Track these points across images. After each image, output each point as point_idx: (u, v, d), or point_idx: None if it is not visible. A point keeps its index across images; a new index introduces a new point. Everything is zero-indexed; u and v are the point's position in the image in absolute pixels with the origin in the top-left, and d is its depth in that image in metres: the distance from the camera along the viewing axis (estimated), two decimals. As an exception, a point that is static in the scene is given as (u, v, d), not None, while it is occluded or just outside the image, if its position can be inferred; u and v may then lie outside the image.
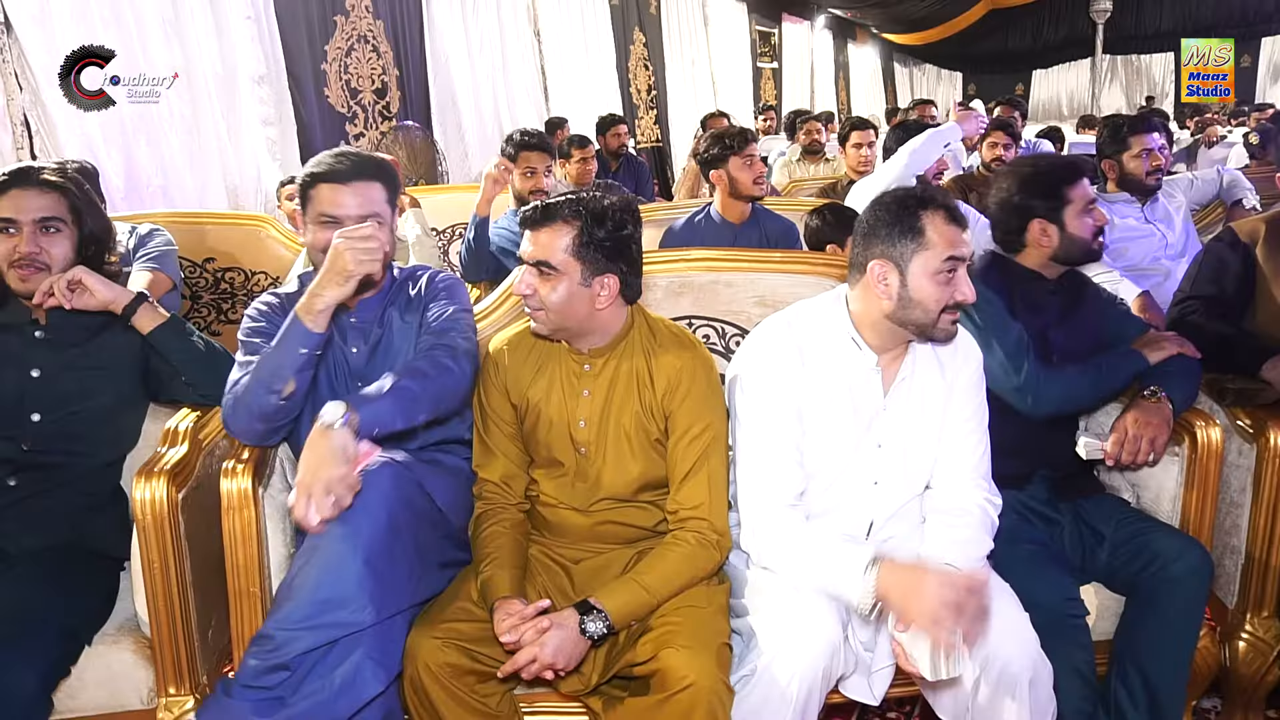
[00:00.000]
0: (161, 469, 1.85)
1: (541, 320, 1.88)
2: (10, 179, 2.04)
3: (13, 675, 1.65)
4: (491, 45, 7.91)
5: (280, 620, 1.62)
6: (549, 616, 1.70)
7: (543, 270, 1.83)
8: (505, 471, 1.99)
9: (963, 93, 21.54)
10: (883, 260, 1.81)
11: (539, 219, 1.84)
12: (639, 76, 10.33)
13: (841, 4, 15.55)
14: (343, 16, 6.50)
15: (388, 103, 6.83)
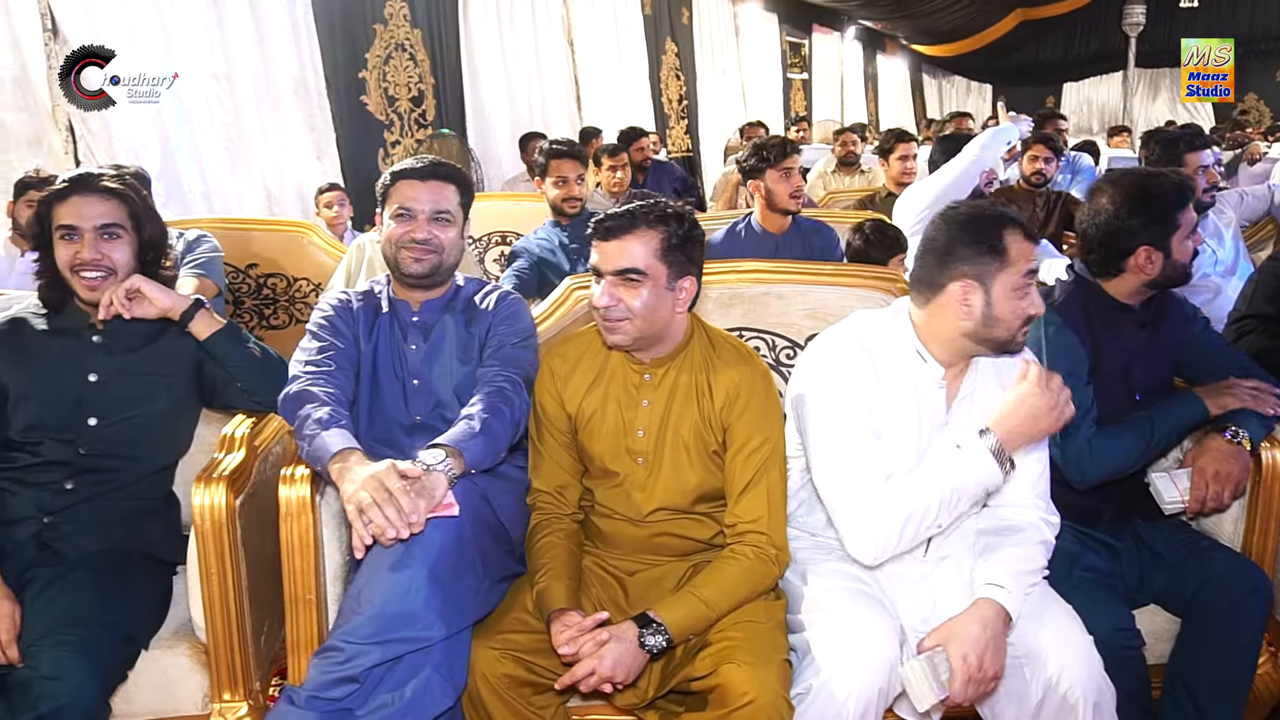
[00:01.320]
0: (220, 475, 1.86)
1: (624, 331, 1.86)
2: (71, 186, 2.06)
3: (74, 679, 1.65)
4: (526, 54, 7.94)
5: (348, 633, 1.62)
6: (608, 629, 1.69)
7: (629, 278, 1.83)
8: (559, 481, 1.99)
9: (992, 105, 21.36)
10: (965, 280, 1.78)
11: (621, 227, 1.84)
12: (670, 86, 10.34)
13: (872, 15, 15.52)
14: (381, 25, 6.54)
15: (424, 111, 6.87)
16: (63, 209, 2.04)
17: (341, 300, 2.19)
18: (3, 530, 1.95)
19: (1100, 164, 6.29)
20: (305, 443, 1.83)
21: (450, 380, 2.10)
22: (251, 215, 5.43)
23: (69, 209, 2.04)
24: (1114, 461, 2.05)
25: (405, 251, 2.10)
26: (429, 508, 1.68)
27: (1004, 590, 1.70)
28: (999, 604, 1.69)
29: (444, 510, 1.70)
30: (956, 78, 22.24)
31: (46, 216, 2.06)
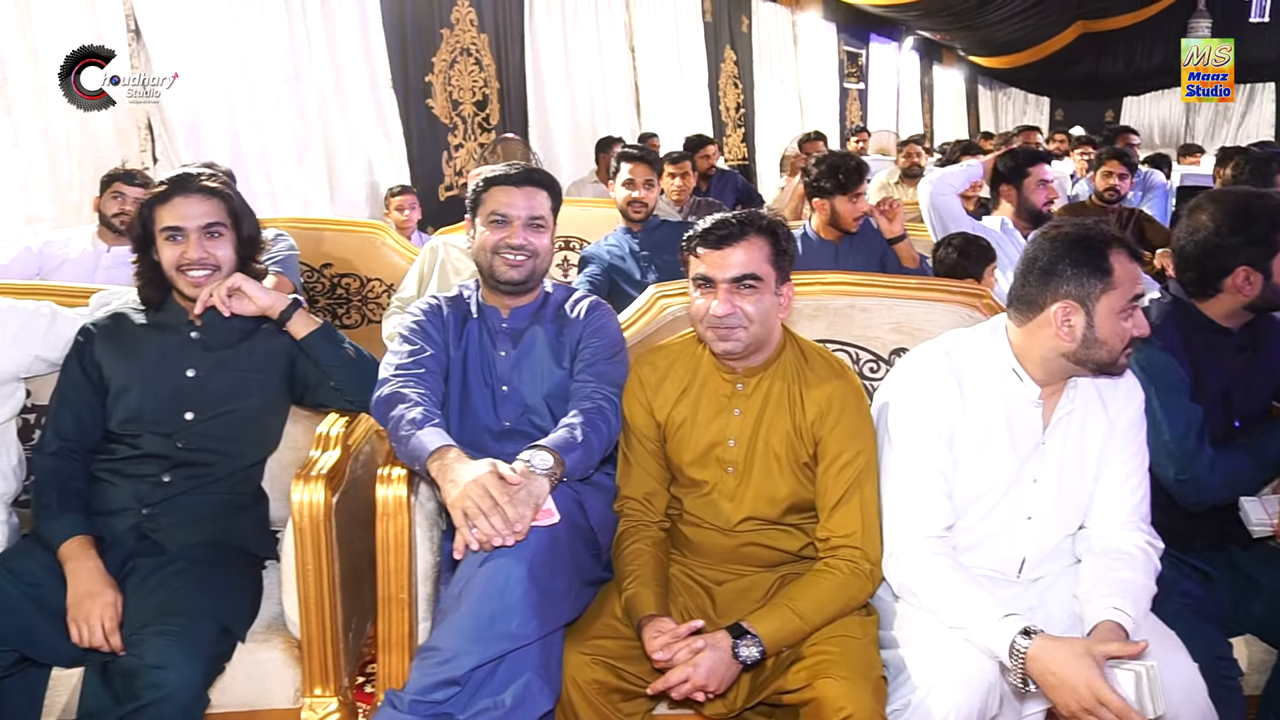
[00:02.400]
0: (319, 473, 1.88)
1: (739, 338, 1.86)
2: (172, 187, 2.10)
3: (178, 669, 1.68)
4: (589, 60, 7.98)
5: (446, 633, 1.64)
6: (702, 637, 1.69)
7: (746, 284, 1.84)
8: (647, 489, 1.99)
9: (1050, 118, 21.13)
10: (1068, 302, 1.76)
11: (734, 234, 1.85)
12: (728, 94, 10.34)
13: (931, 26, 15.39)
14: (448, 29, 6.61)
15: (487, 115, 6.93)
16: (165, 210, 2.08)
17: (432, 305, 2.21)
18: (104, 521, 1.99)
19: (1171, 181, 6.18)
20: (401, 443, 1.85)
21: (540, 387, 2.12)
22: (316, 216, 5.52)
23: (172, 210, 2.07)
24: (1237, 481, 2.01)
25: (500, 258, 2.12)
26: (532, 516, 1.69)
27: (1127, 616, 1.67)
28: (1124, 629, 1.66)
29: (544, 519, 1.71)
30: (1013, 90, 21.97)
31: (149, 218, 2.09)
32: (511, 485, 1.71)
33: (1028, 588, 1.89)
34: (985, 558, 1.87)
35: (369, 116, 6.08)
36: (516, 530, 1.66)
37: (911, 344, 2.36)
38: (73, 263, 3.72)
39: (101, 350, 2.10)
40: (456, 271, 3.73)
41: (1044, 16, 15.08)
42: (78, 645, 1.80)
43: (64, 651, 1.81)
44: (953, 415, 1.85)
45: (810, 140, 7.23)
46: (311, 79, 5.76)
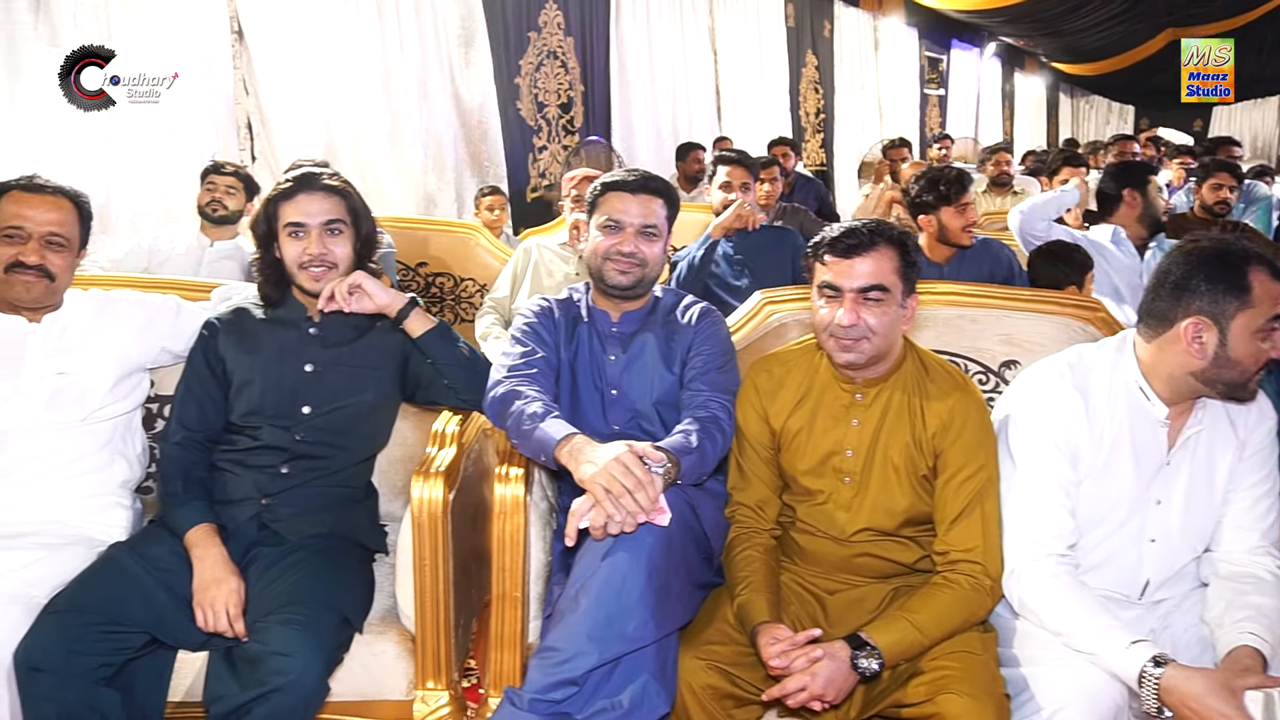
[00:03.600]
0: (437, 470, 1.91)
1: (864, 350, 1.85)
2: (296, 185, 2.14)
3: (302, 657, 1.72)
4: (672, 64, 8.00)
5: (565, 633, 1.65)
6: (820, 646, 1.68)
7: (872, 295, 1.82)
8: (760, 496, 1.99)
9: (1134, 127, 20.57)
10: (1199, 318, 1.71)
11: (864, 244, 1.84)
12: (808, 99, 10.28)
13: (1015, 32, 15.11)
14: (535, 33, 6.68)
15: (571, 117, 6.98)
16: (289, 207, 2.12)
17: (543, 307, 2.23)
18: (226, 510, 2.05)
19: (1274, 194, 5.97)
20: (524, 438, 1.87)
21: (649, 392, 2.12)
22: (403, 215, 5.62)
23: (295, 207, 2.12)
24: None
25: (611, 264, 2.14)
26: (653, 506, 1.69)
27: (1264, 642, 1.62)
28: (1261, 654, 1.61)
29: (658, 517, 1.71)
30: (1096, 97, 21.44)
31: (273, 214, 2.14)
32: (653, 460, 1.72)
33: (1150, 610, 1.85)
34: (1107, 579, 1.83)
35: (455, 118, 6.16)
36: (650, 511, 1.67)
37: (1022, 356, 2.32)
38: (178, 257, 3.84)
39: (224, 344, 2.16)
40: (549, 273, 3.77)
41: (1133, 23, 14.68)
42: (202, 630, 1.85)
43: (190, 635, 1.86)
44: (1076, 432, 1.81)
45: (894, 146, 7.15)
46: (401, 80, 5.87)
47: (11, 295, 2.12)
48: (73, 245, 2.17)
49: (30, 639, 1.74)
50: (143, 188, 4.50)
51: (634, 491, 1.67)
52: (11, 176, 2.18)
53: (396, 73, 5.82)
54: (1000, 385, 2.31)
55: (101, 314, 2.25)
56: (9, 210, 2.10)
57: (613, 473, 1.68)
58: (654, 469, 1.74)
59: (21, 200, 2.11)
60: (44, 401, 2.11)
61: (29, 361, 2.13)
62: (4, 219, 2.10)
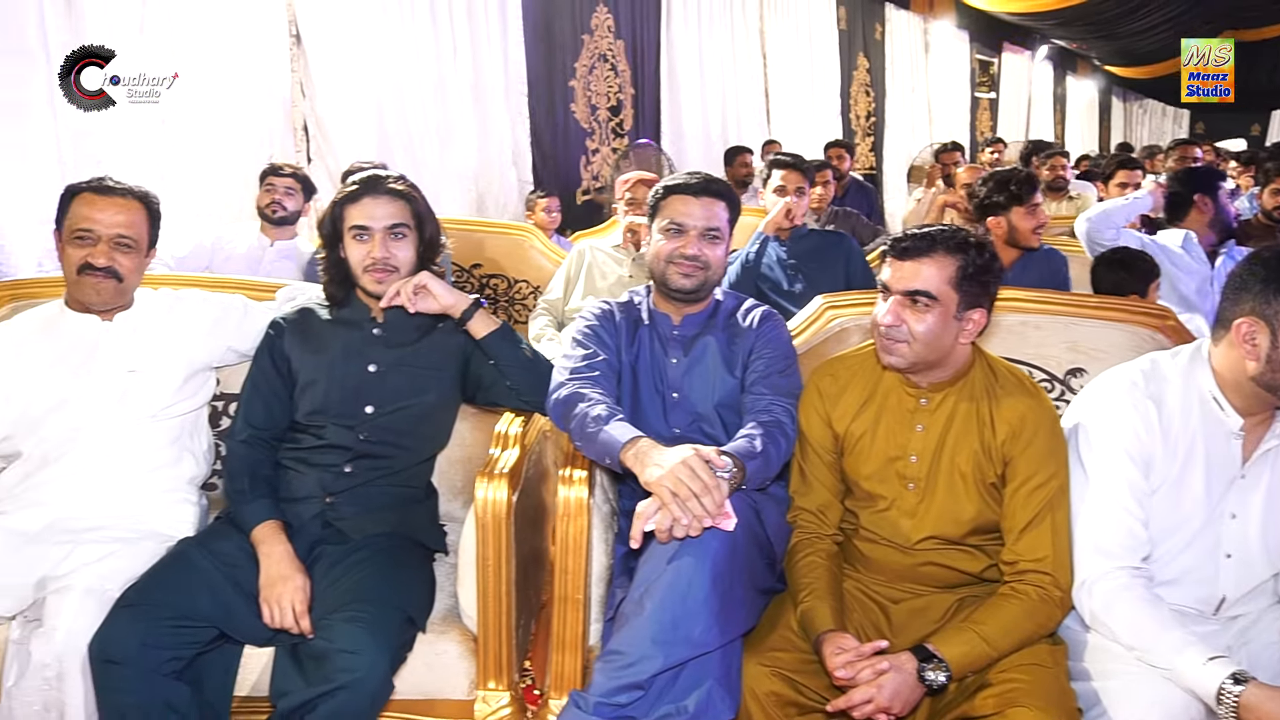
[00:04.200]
0: (501, 472, 1.92)
1: (901, 353, 1.84)
2: (362, 188, 2.16)
3: (369, 655, 1.73)
4: (722, 67, 7.99)
5: (630, 637, 1.64)
6: (887, 658, 1.66)
7: (917, 300, 1.80)
8: (822, 501, 1.97)
9: (1189, 131, 20.18)
10: (1252, 318, 1.67)
11: (919, 248, 1.82)
12: (859, 102, 10.22)
13: (1068, 35, 14.90)
14: (588, 35, 6.70)
15: (621, 120, 7.00)
16: (355, 210, 2.14)
17: (604, 310, 2.24)
18: (290, 507, 2.07)
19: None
20: (588, 440, 1.87)
21: (711, 395, 2.12)
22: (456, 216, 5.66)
23: (361, 210, 2.13)
24: None
25: (673, 267, 2.14)
26: (719, 510, 1.69)
27: None
28: None
29: (723, 521, 1.70)
30: (1150, 101, 21.09)
31: (339, 217, 2.16)
32: (718, 464, 1.72)
33: (1226, 626, 1.80)
34: (1181, 594, 1.78)
35: (509, 120, 6.20)
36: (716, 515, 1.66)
37: (1088, 364, 2.28)
38: (239, 257, 3.89)
39: (290, 343, 2.19)
40: (603, 275, 3.78)
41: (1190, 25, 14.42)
42: (268, 626, 1.87)
43: (256, 631, 1.88)
44: (1150, 441, 1.77)
45: (947, 151, 7.07)
46: (454, 84, 5.92)
47: (82, 296, 2.16)
48: (141, 246, 2.21)
49: (105, 632, 1.77)
50: (203, 188, 4.58)
51: (700, 495, 1.66)
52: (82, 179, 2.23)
53: (449, 75, 5.87)
54: (1065, 393, 2.27)
55: (171, 313, 2.29)
56: (79, 212, 2.14)
57: (679, 476, 1.67)
58: (720, 473, 1.73)
59: (91, 203, 2.15)
60: (115, 399, 2.15)
61: (101, 360, 2.17)
62: (74, 221, 2.14)
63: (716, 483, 1.69)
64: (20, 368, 2.13)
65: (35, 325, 2.21)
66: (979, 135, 12.84)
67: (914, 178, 9.50)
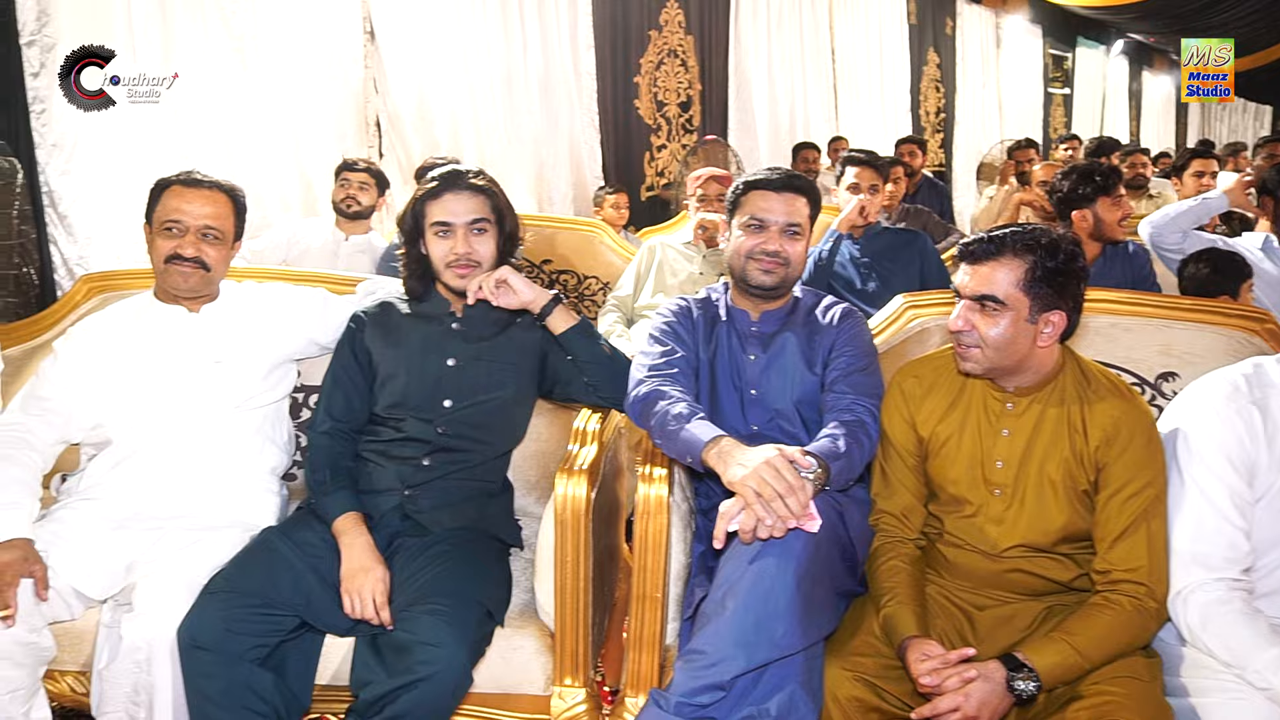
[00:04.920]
0: (580, 468, 1.91)
1: (974, 359, 1.81)
2: (443, 183, 2.16)
3: (449, 648, 1.74)
4: (791, 62, 7.93)
5: (712, 636, 1.63)
6: (974, 666, 1.62)
7: (985, 305, 1.76)
8: (905, 504, 1.93)
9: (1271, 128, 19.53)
10: None
11: (985, 251, 1.78)
12: (929, 99, 10.06)
13: (1146, 29, 14.49)
14: (656, 31, 6.69)
15: (690, 116, 6.97)
16: (437, 206, 2.14)
17: (681, 306, 2.22)
18: (370, 499, 2.09)
19: None
20: (669, 438, 1.86)
21: (790, 392, 2.09)
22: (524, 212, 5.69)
23: (443, 206, 2.14)
24: None
25: (754, 263, 2.12)
26: (804, 511, 1.66)
27: None
28: None
29: (808, 523, 1.68)
30: (1230, 97, 20.41)
31: (421, 213, 2.16)
32: (803, 465, 1.70)
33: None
34: (1283, 605, 1.72)
35: (578, 117, 6.22)
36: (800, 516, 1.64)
37: (1181, 369, 2.21)
38: (315, 250, 3.96)
39: (371, 337, 2.20)
40: (673, 272, 3.76)
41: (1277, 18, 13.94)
42: (349, 616, 1.89)
43: (337, 621, 1.90)
44: (1254, 449, 1.71)
45: (1021, 148, 6.92)
46: (522, 79, 5.94)
47: (170, 286, 2.21)
48: (227, 238, 2.25)
49: (192, 618, 1.81)
50: (280, 183, 4.66)
51: (785, 496, 1.64)
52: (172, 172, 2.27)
53: (518, 71, 5.90)
54: (1157, 398, 2.20)
55: (255, 305, 2.33)
56: (169, 204, 2.19)
57: (764, 476, 1.65)
58: (804, 474, 1.71)
59: (180, 195, 2.20)
60: (202, 389, 2.19)
61: (188, 351, 2.21)
62: (164, 213, 2.19)
63: (801, 484, 1.66)
64: (111, 358, 2.19)
65: (125, 316, 2.26)
66: (1051, 132, 12.56)
67: (984, 175, 9.32)
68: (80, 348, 2.21)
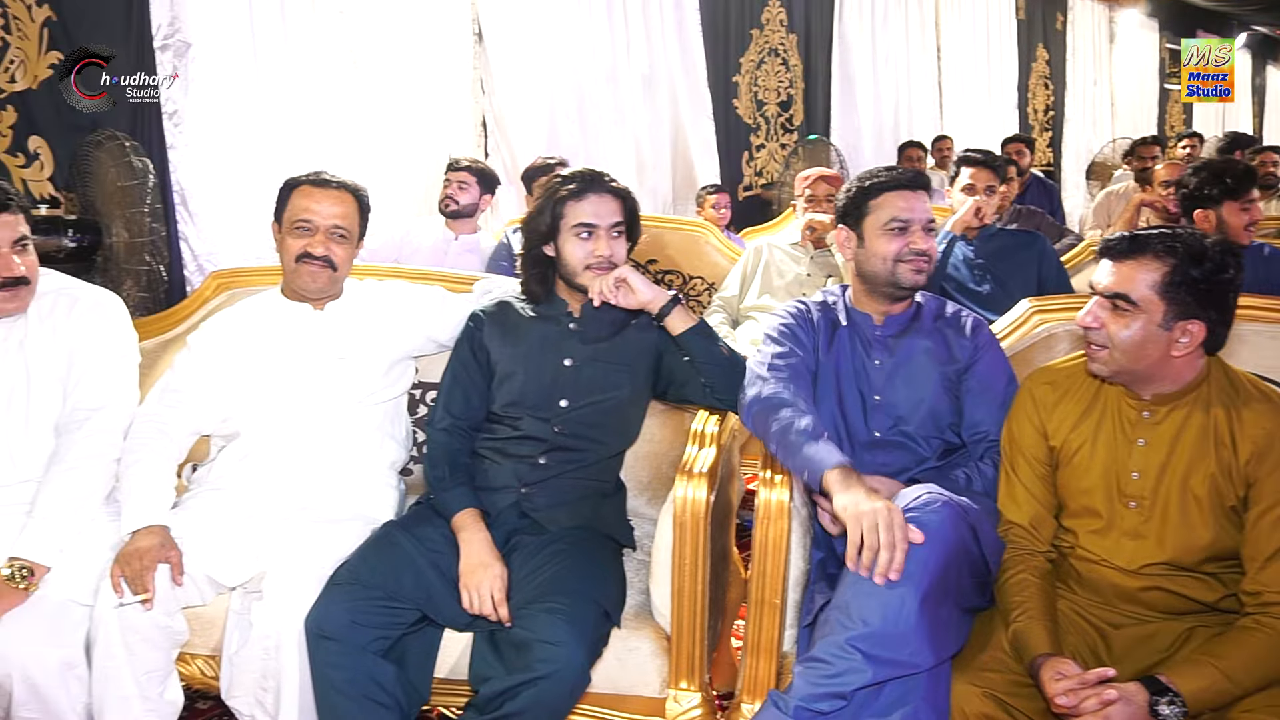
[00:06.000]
0: (700, 471, 1.89)
1: (1102, 360, 1.74)
2: (585, 184, 2.15)
3: (568, 647, 1.74)
4: (896, 60, 7.79)
5: (835, 647, 1.59)
6: (1115, 687, 1.54)
7: (1118, 304, 1.70)
8: (1034, 515, 1.87)
9: (1406, 124, 18.43)
10: None
11: (1125, 249, 1.71)
12: (1037, 96, 9.77)
13: (1270, 20, 13.84)
14: (757, 30, 6.64)
15: (790, 115, 6.91)
16: (580, 207, 2.12)
17: (800, 309, 2.19)
18: (487, 496, 2.10)
19: None
20: (788, 450, 1.83)
21: (916, 399, 2.05)
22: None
23: (586, 208, 2.12)
24: None
25: (905, 265, 2.06)
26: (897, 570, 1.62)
27: None
28: None
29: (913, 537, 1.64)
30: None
31: (559, 214, 2.14)
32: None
33: None
34: None
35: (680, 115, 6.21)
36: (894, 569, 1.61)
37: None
38: (425, 249, 4.03)
39: (489, 335, 2.22)
40: (780, 274, 3.72)
41: None
42: (467, 611, 1.91)
43: (456, 615, 1.92)
44: None
45: (1145, 144, 6.64)
46: (625, 78, 5.97)
47: (299, 284, 2.26)
48: (353, 237, 2.30)
49: (319, 608, 1.85)
50: (392, 182, 4.77)
51: (883, 549, 1.60)
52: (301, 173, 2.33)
53: (622, 71, 5.92)
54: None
55: (376, 303, 2.38)
56: (299, 204, 2.25)
57: (874, 523, 1.62)
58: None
59: (310, 195, 2.25)
60: (325, 385, 2.24)
61: (313, 347, 2.27)
62: (294, 212, 2.24)
63: (905, 543, 1.62)
64: (240, 353, 2.26)
65: (254, 312, 2.33)
66: (1168, 129, 12.08)
67: (1095, 175, 9.03)
68: (211, 342, 2.29)
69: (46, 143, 3.56)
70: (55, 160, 3.57)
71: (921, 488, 1.75)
